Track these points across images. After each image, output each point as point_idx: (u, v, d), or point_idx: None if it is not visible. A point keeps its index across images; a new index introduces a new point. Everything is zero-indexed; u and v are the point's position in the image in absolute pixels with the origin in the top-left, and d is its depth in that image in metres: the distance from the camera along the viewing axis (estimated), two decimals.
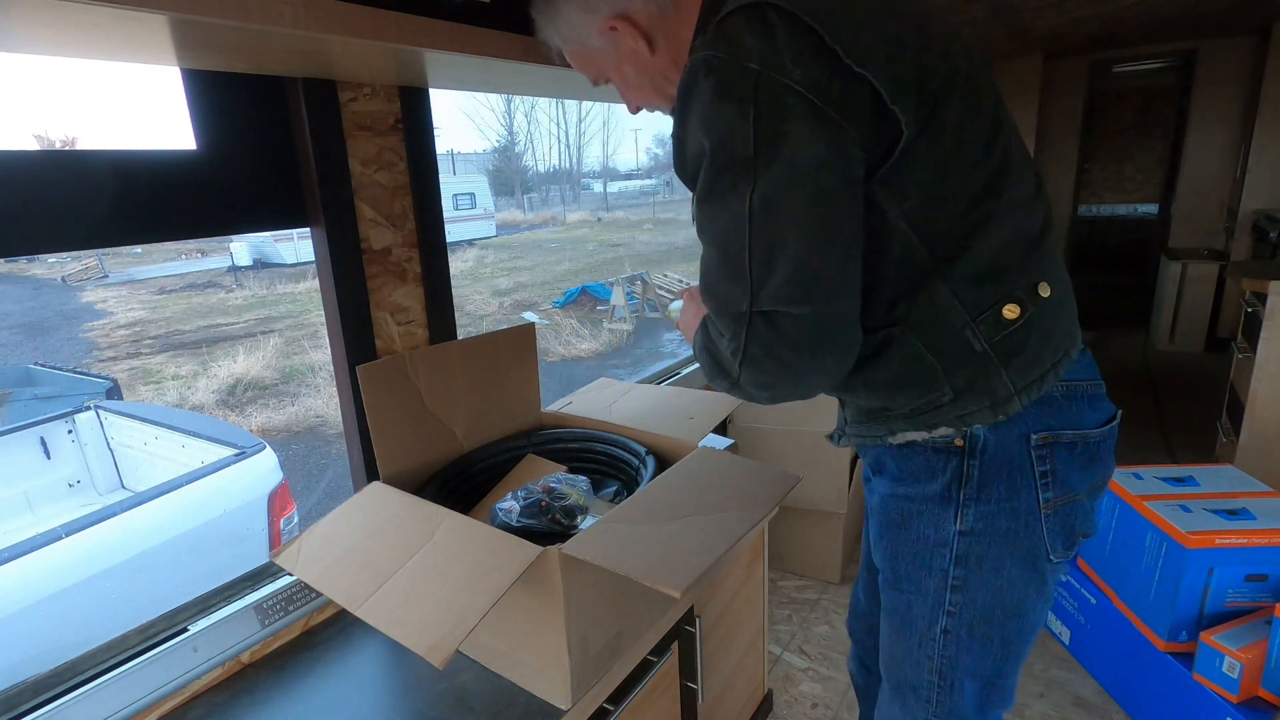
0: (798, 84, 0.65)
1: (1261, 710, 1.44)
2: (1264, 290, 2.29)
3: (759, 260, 0.68)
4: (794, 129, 0.66)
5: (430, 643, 0.74)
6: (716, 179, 0.69)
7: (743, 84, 0.66)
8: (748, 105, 0.66)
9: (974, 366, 0.76)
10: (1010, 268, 0.75)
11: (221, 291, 12.50)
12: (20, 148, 1.06)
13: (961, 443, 0.80)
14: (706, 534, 0.89)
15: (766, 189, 0.67)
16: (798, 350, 0.70)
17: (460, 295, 9.78)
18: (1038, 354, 0.77)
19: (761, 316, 0.70)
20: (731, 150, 0.67)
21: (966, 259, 0.74)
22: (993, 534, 0.82)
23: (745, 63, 0.66)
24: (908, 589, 0.89)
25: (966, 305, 0.74)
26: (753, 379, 0.74)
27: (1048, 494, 0.81)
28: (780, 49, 0.66)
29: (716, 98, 0.67)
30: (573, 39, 0.88)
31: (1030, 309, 0.76)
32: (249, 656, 1.06)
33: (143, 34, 0.70)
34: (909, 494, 0.86)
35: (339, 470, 5.09)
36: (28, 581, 2.05)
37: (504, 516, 1.04)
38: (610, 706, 1.01)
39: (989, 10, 2.98)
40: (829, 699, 1.82)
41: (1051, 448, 0.80)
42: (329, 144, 1.07)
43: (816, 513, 2.23)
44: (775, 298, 0.68)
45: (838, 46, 0.66)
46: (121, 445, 3.36)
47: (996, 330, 0.75)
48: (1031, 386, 0.77)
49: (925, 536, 0.85)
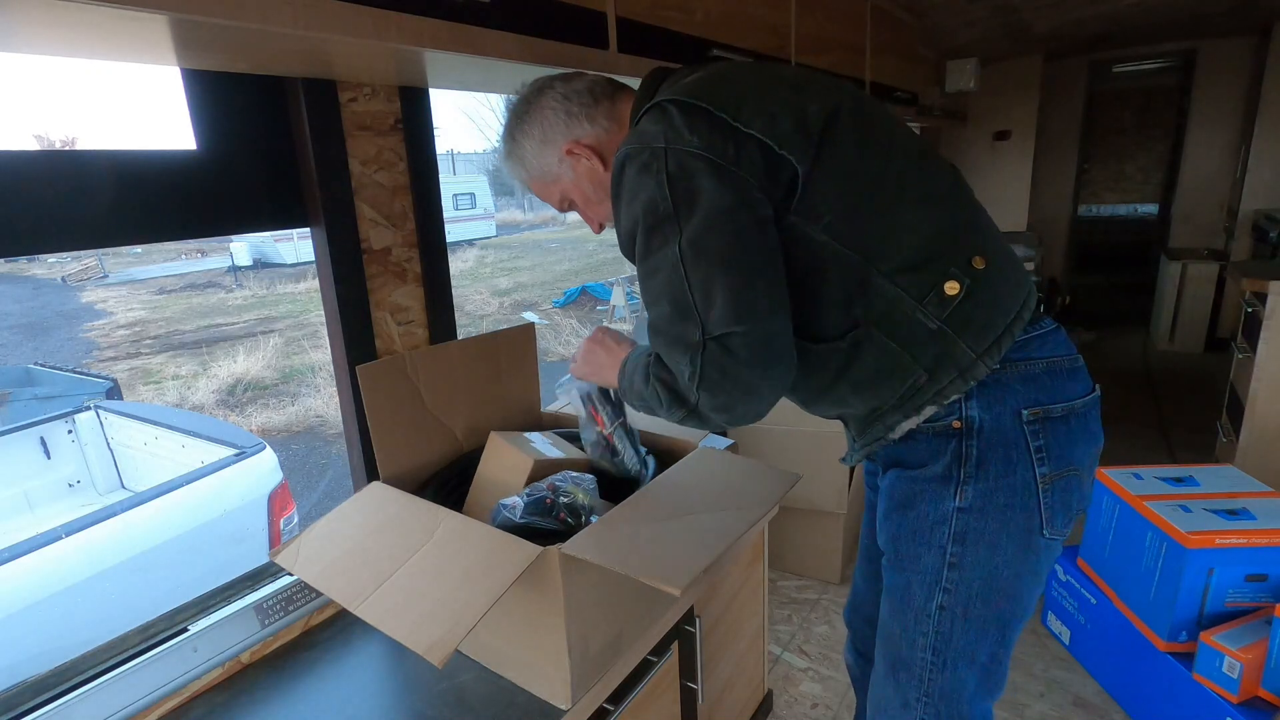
0: (696, 149, 0.79)
1: (1261, 710, 1.44)
2: (1264, 290, 2.29)
3: (699, 294, 0.78)
4: (701, 184, 0.78)
5: (430, 641, 0.74)
6: (650, 238, 0.81)
7: (653, 160, 0.80)
8: (661, 174, 0.79)
9: (936, 344, 0.84)
10: (941, 253, 0.84)
11: (221, 291, 12.50)
12: (20, 148, 1.06)
13: (959, 425, 0.86)
14: (706, 533, 0.89)
15: (690, 235, 0.78)
16: (750, 366, 0.79)
17: (460, 295, 9.77)
18: (988, 320, 0.85)
19: (714, 341, 0.78)
20: (655, 212, 0.80)
21: (895, 254, 0.83)
22: (990, 510, 0.87)
23: (653, 144, 0.80)
24: (908, 567, 0.93)
25: (910, 291, 0.83)
26: (711, 401, 0.81)
27: (1044, 468, 0.86)
28: (678, 127, 0.80)
29: (636, 176, 0.81)
30: (536, 169, 1.01)
31: (968, 281, 0.84)
32: (249, 656, 1.06)
33: (143, 34, 0.70)
34: (914, 476, 0.91)
35: (339, 470, 5.09)
36: (28, 581, 2.05)
37: (508, 513, 1.04)
38: (610, 706, 1.01)
39: (989, 10, 2.98)
40: (829, 699, 1.82)
41: (1044, 422, 0.86)
42: (329, 144, 1.07)
43: (816, 513, 2.23)
44: (721, 321, 0.77)
45: (723, 115, 0.81)
46: (121, 445, 3.36)
47: (943, 307, 0.83)
48: (991, 349, 0.85)
49: (925, 514, 0.90)
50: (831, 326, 0.86)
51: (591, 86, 0.99)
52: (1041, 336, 0.89)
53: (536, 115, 0.99)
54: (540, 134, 0.99)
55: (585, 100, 0.98)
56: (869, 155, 0.85)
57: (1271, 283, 2.26)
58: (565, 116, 0.97)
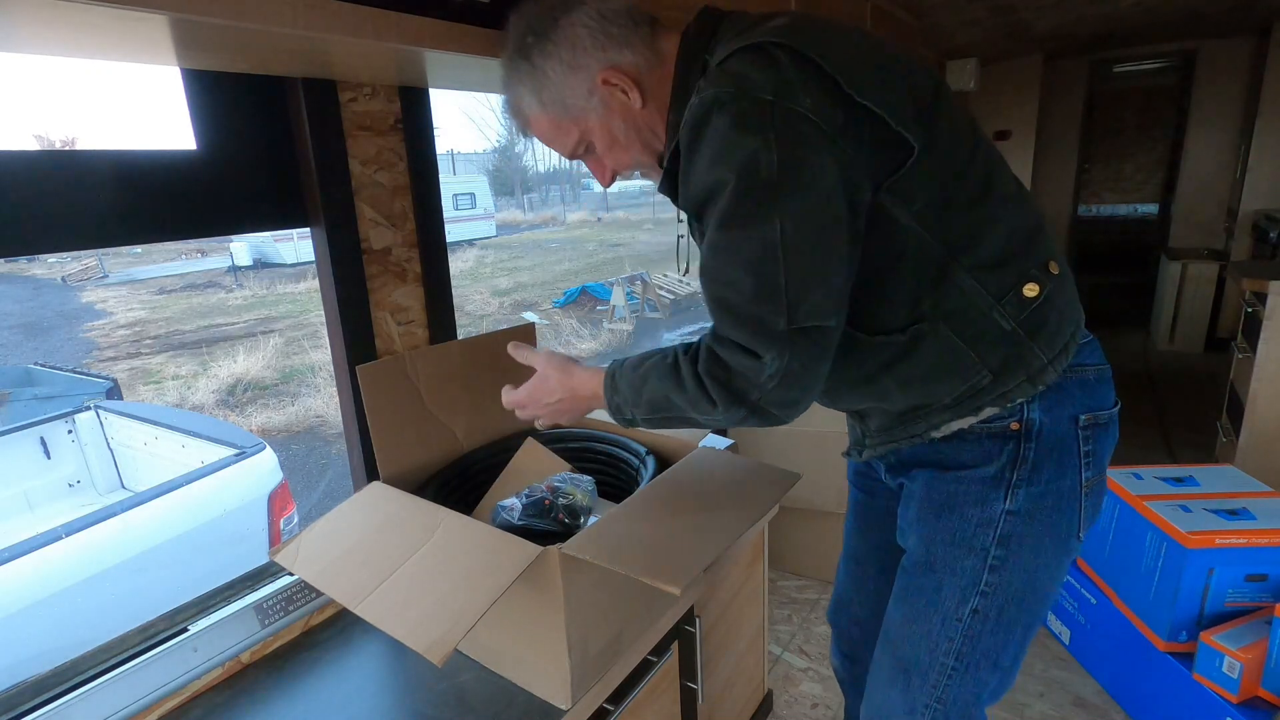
0: (808, 111, 0.69)
1: (1261, 710, 1.44)
2: (1264, 290, 2.29)
3: (795, 279, 0.71)
4: (810, 155, 0.70)
5: (429, 640, 0.74)
6: (740, 204, 0.71)
7: (757, 114, 0.69)
8: (768, 133, 0.69)
9: (1007, 345, 0.81)
10: (1019, 252, 0.81)
11: (221, 291, 12.50)
12: (20, 148, 1.06)
13: (1018, 426, 0.84)
14: (706, 532, 0.89)
15: (795, 212, 0.70)
16: (827, 360, 0.76)
17: (460, 295, 9.77)
18: (1058, 326, 0.83)
19: (803, 333, 0.72)
20: (754, 177, 0.69)
21: (980, 248, 0.79)
22: (1038, 514, 0.85)
23: (757, 93, 0.69)
24: (941, 569, 0.90)
25: (990, 289, 0.79)
26: (784, 396, 0.75)
27: (1088, 473, 0.86)
28: (790, 81, 0.70)
29: (731, 129, 0.70)
30: (555, 101, 0.85)
31: (1048, 285, 0.81)
32: (249, 656, 1.06)
33: (143, 34, 0.70)
34: (959, 479, 0.88)
35: (339, 470, 5.09)
36: (28, 581, 2.05)
37: (506, 515, 1.04)
38: (610, 706, 1.01)
39: (989, 10, 2.98)
40: (829, 699, 1.82)
41: (1093, 429, 0.86)
42: (329, 144, 1.07)
43: (816, 513, 2.23)
44: (815, 312, 0.72)
45: (837, 76, 0.71)
46: (121, 445, 3.36)
47: (1021, 308, 0.80)
48: (1059, 356, 0.83)
49: (969, 517, 0.87)
50: (892, 318, 0.81)
51: (630, 9, 0.84)
52: (1090, 344, 0.89)
53: (565, 35, 0.82)
54: (569, 57, 0.82)
55: (624, 23, 0.83)
56: (961, 143, 0.79)
57: (1271, 283, 2.26)
58: (603, 38, 0.82)
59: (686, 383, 0.79)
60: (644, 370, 0.84)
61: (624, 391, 0.86)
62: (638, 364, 0.86)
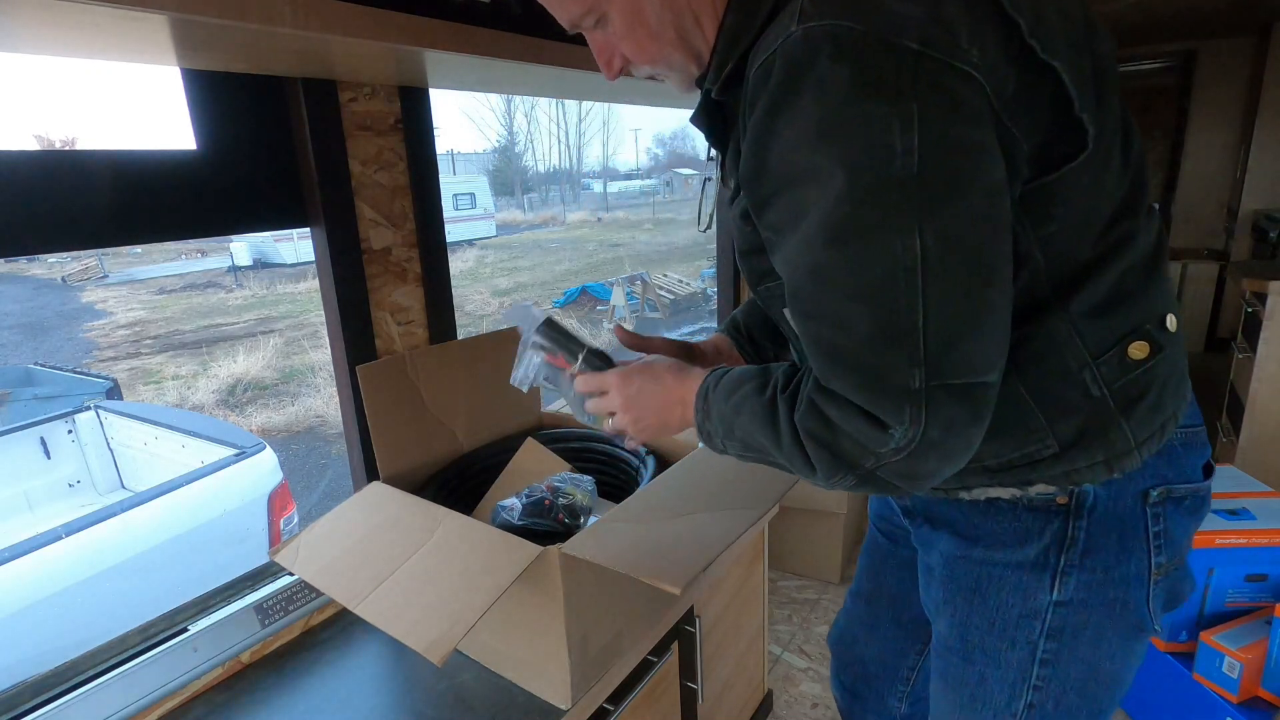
0: (976, 70, 0.49)
1: (1261, 710, 1.44)
2: (1264, 290, 2.29)
3: (940, 317, 0.50)
4: (971, 136, 0.49)
5: (429, 640, 0.74)
6: (859, 209, 0.50)
7: (897, 72, 0.48)
8: (907, 102, 0.48)
9: (1085, 415, 0.62)
10: (1130, 294, 0.61)
11: (221, 291, 12.50)
12: (20, 148, 1.06)
13: (1065, 500, 0.67)
14: (706, 532, 0.89)
15: (944, 220, 0.49)
16: (983, 424, 0.54)
17: (460, 295, 9.77)
18: (1159, 400, 0.64)
19: (945, 391, 0.52)
20: (886, 168, 0.49)
21: (1089, 288, 0.60)
22: (1095, 604, 0.69)
23: (898, 40, 0.48)
24: (980, 660, 0.75)
25: (1088, 342, 0.60)
26: (914, 468, 0.55)
27: (1160, 558, 0.68)
28: (951, 19, 0.49)
29: (856, 92, 0.48)
30: None
31: (1161, 347, 0.62)
32: (249, 656, 1.06)
33: (143, 34, 0.70)
34: (989, 559, 0.72)
35: (339, 470, 5.09)
36: (28, 581, 2.05)
37: (506, 515, 1.04)
38: (610, 706, 1.01)
39: None
40: (829, 699, 1.82)
41: (1168, 505, 0.68)
42: (329, 144, 1.07)
43: (816, 513, 2.23)
44: (965, 365, 0.52)
45: (1021, 19, 0.50)
46: (121, 445, 3.36)
47: (1121, 372, 0.61)
48: (1152, 439, 0.65)
49: (1009, 606, 0.71)
50: None
51: None
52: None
53: None
54: None
55: None
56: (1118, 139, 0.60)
57: (1271, 283, 2.26)
58: None
59: (782, 435, 0.60)
60: (738, 398, 0.64)
61: (715, 419, 0.67)
62: (735, 385, 0.65)
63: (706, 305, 9.90)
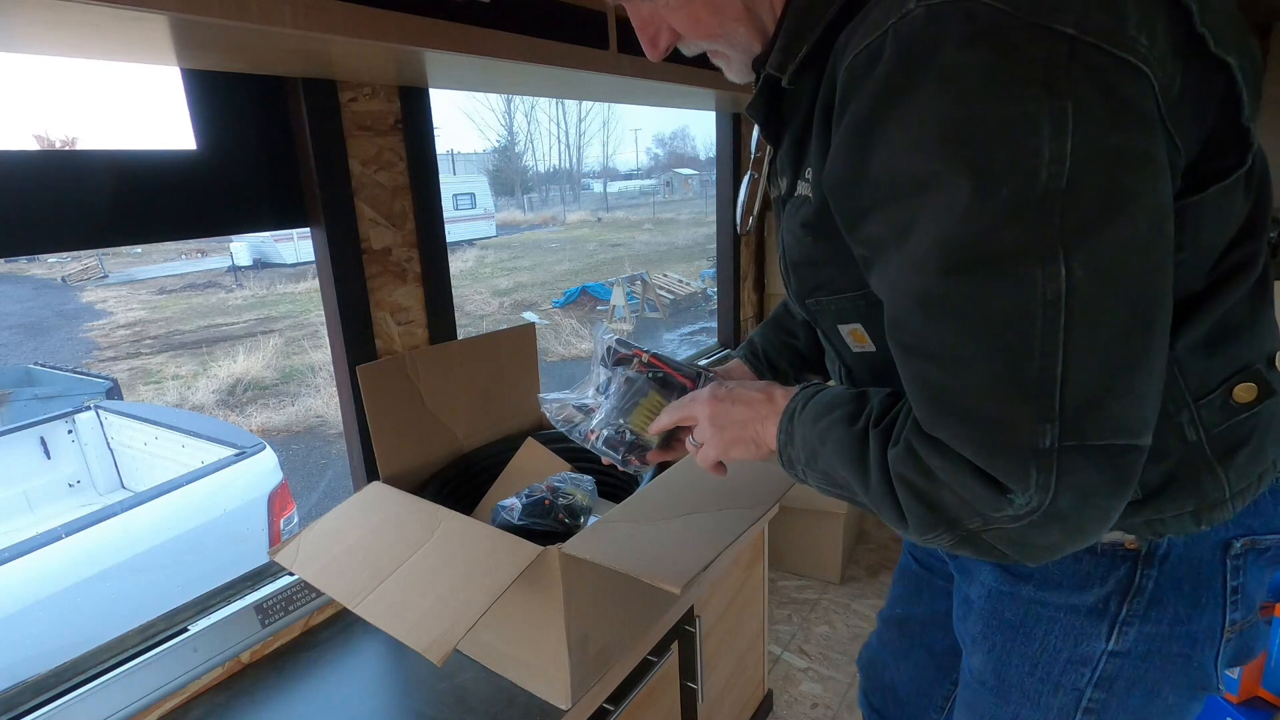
0: (1144, 63, 0.40)
1: (1261, 710, 1.44)
2: None
3: (1088, 365, 0.42)
4: (1136, 143, 0.41)
5: (429, 640, 0.75)
6: (991, 231, 0.41)
7: (1047, 62, 0.39)
8: (1059, 100, 0.39)
9: (1177, 460, 0.55)
10: (1238, 327, 0.55)
11: (221, 291, 12.51)
12: (20, 148, 1.06)
13: (1135, 545, 0.60)
14: (706, 532, 0.89)
15: (1099, 247, 0.41)
16: (1125, 495, 0.46)
17: (460, 295, 9.78)
18: (1259, 449, 0.57)
19: (1083, 454, 0.43)
20: (1027, 181, 0.40)
21: (1196, 321, 0.52)
22: (1155, 658, 0.62)
23: (1050, 22, 0.39)
24: (1016, 700, 0.69)
25: (1190, 383, 0.54)
26: (1030, 538, 0.46)
27: (1235, 614, 0.61)
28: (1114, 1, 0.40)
29: (994, 86, 0.40)
30: None
31: (1272, 391, 0.55)
32: (249, 656, 1.06)
33: (143, 34, 0.70)
34: (1039, 599, 0.66)
35: (339, 470, 5.09)
36: (28, 581, 2.05)
37: (506, 515, 1.04)
38: (610, 706, 1.01)
39: None
40: (829, 699, 1.82)
41: (1250, 556, 0.61)
42: (329, 144, 1.07)
43: (816, 513, 2.23)
44: (1116, 425, 0.43)
45: (1192, 4, 0.43)
46: (121, 445, 3.36)
47: (1223, 417, 0.55)
48: (1248, 489, 0.58)
49: (1055, 650, 0.65)
50: None
51: None
52: None
53: None
54: None
55: None
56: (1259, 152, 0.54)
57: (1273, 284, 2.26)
58: None
59: (871, 476, 0.52)
60: (825, 424, 0.57)
61: (798, 445, 0.59)
62: (824, 410, 0.58)
63: (706, 305, 9.91)
